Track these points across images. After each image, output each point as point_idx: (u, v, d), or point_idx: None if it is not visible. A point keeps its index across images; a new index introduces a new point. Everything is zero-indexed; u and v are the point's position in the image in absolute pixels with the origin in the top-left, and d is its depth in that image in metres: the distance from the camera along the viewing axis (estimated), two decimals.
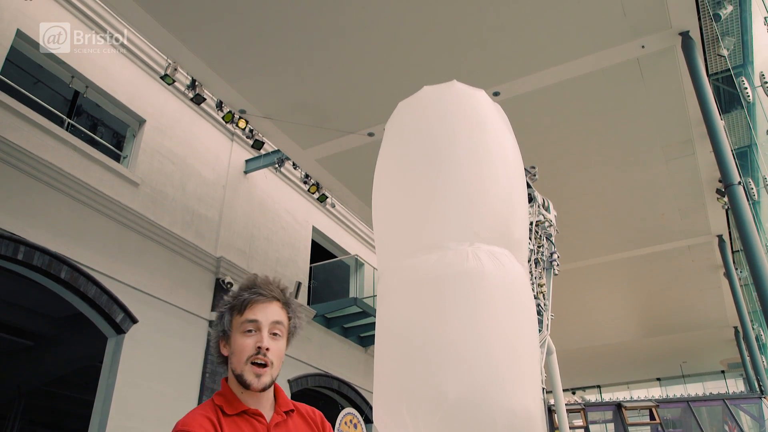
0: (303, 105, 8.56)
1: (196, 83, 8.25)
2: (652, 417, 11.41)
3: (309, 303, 12.27)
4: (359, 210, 11.50)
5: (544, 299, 6.16)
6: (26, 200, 7.15)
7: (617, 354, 19.04)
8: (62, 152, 7.72)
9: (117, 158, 9.14)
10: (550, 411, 9.98)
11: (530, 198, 6.68)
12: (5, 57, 7.43)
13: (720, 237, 12.00)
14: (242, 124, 8.77)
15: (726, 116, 9.81)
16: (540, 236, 6.48)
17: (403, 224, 2.15)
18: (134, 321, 7.91)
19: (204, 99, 8.48)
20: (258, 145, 9.30)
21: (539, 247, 6.40)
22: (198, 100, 8.46)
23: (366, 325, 12.89)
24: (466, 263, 1.94)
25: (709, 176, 9.99)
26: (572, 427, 11.31)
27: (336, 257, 14.02)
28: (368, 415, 12.48)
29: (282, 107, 8.60)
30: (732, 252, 12.23)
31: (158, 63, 9.30)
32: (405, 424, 1.82)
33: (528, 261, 5.93)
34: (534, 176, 6.81)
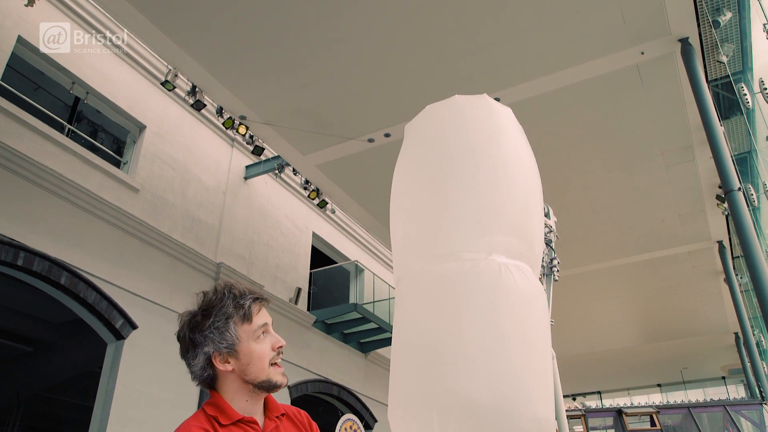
0: (303, 111, 8.57)
1: (197, 89, 8.27)
2: (653, 423, 11.38)
3: (309, 309, 12.25)
4: (359, 216, 11.49)
5: None
6: (26, 206, 7.16)
7: (618, 360, 19.00)
8: (63, 158, 7.74)
9: (117, 164, 9.15)
10: None
11: None
12: (6, 63, 7.46)
13: (720, 243, 12.00)
14: (242, 130, 8.78)
15: (725, 122, 9.84)
16: None
17: (422, 230, 2.17)
18: (134, 327, 7.90)
19: (204, 105, 8.51)
20: (258, 151, 9.31)
21: None
22: (198, 106, 8.48)
23: (366, 331, 12.87)
24: (489, 272, 1.99)
25: (709, 182, 10.00)
26: None
27: (336, 263, 14.01)
28: (368, 421, 12.44)
29: (282, 113, 8.61)
30: (732, 258, 12.22)
31: (159, 69, 9.33)
32: (431, 429, 1.84)
33: None
34: None
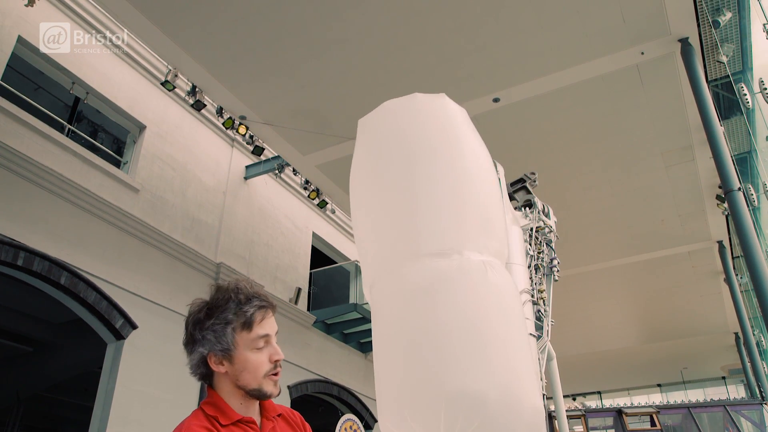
0: (303, 111, 8.57)
1: (197, 89, 8.27)
2: (653, 423, 11.37)
3: (309, 309, 12.25)
4: None
5: (544, 305, 6.14)
6: (26, 206, 7.15)
7: (618, 360, 18.99)
8: (63, 158, 7.74)
9: (117, 164, 9.14)
10: (551, 417, 9.95)
11: (530, 204, 6.68)
12: (6, 63, 7.46)
13: (720, 243, 12.00)
14: (242, 130, 8.78)
15: (725, 122, 9.83)
16: (540, 242, 6.47)
17: (391, 233, 2.17)
18: (134, 327, 7.90)
19: (204, 105, 8.51)
20: (258, 151, 9.31)
21: (539, 253, 6.39)
22: (198, 106, 8.48)
23: (366, 331, 12.86)
24: (473, 270, 2.06)
25: (709, 182, 10.00)
26: None
27: (336, 263, 14.01)
28: (368, 421, 12.43)
29: (282, 113, 8.61)
30: (732, 258, 12.22)
31: (159, 69, 9.33)
32: (437, 428, 1.84)
33: (528, 267, 5.93)
34: (534, 182, 6.82)
